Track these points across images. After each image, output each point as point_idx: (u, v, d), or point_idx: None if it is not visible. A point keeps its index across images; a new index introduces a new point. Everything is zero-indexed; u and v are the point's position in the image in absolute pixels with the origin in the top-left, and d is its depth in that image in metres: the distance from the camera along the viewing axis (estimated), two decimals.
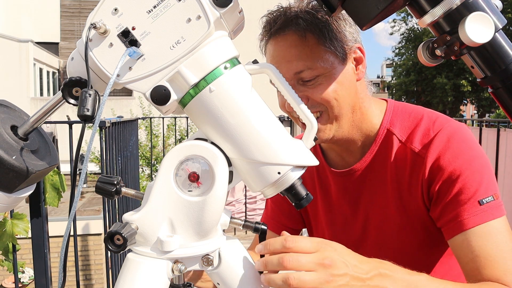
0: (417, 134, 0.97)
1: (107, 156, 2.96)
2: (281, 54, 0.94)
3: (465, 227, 0.88)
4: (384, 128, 1.01)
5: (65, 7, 19.00)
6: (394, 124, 1.01)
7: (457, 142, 0.93)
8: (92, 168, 10.23)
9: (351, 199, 1.08)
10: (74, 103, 0.66)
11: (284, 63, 0.93)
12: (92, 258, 5.98)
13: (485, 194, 0.88)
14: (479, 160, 0.92)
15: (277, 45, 0.95)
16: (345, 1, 0.76)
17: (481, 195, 0.88)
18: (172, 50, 0.64)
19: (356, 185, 1.06)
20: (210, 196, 0.67)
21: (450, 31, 0.70)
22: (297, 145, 0.70)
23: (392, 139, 1.00)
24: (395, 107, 1.04)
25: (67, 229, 0.64)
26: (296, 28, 0.92)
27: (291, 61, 0.92)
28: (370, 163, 1.02)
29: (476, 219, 0.87)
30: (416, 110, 1.02)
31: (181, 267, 0.68)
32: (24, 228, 1.94)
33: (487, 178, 0.90)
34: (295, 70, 0.92)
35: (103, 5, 0.64)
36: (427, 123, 0.97)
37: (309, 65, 0.92)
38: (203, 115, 0.67)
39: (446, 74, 22.85)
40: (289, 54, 0.93)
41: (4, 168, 0.64)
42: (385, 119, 1.02)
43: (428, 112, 1.01)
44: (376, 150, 1.02)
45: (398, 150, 0.99)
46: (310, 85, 0.93)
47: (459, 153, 0.92)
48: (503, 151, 3.70)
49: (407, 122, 1.00)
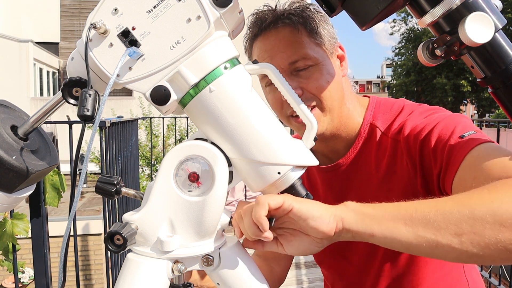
0: (395, 123, 0.98)
1: (107, 156, 2.95)
2: (275, 46, 0.95)
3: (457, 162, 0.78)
4: (367, 122, 1.02)
5: (65, 7, 19.00)
6: (376, 118, 1.02)
7: (429, 109, 0.94)
8: (92, 168, 10.23)
9: (337, 195, 1.07)
10: (74, 103, 0.66)
11: (279, 54, 0.94)
12: (92, 258, 5.98)
13: (463, 130, 0.82)
14: (454, 115, 0.90)
15: (269, 39, 0.96)
16: (345, 1, 0.76)
17: (460, 131, 0.82)
18: (172, 50, 0.64)
19: (342, 180, 1.06)
20: (210, 196, 0.67)
21: (450, 31, 0.70)
22: (297, 145, 0.70)
23: (376, 132, 1.01)
24: (377, 102, 1.05)
25: (67, 229, 0.64)
26: (289, 21, 0.94)
27: (285, 51, 0.94)
28: (354, 157, 1.03)
29: (464, 150, 0.78)
30: (397, 102, 1.04)
31: (181, 267, 0.68)
32: (24, 228, 1.94)
33: (464, 122, 0.86)
34: (289, 60, 0.94)
35: (103, 5, 0.64)
36: (406, 112, 0.98)
37: (303, 54, 0.94)
38: (203, 115, 0.67)
39: (446, 74, 22.85)
40: (283, 45, 0.94)
41: (4, 168, 0.64)
42: (368, 114, 1.03)
43: (409, 103, 1.02)
44: (361, 144, 1.02)
45: (380, 141, 1.00)
46: (304, 75, 0.95)
47: (430, 113, 0.93)
48: None
49: (389, 114, 1.01)
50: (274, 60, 0.94)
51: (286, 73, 0.95)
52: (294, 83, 0.94)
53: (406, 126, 0.94)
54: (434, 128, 0.87)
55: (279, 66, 0.94)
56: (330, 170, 1.07)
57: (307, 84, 0.95)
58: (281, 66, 0.94)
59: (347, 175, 1.05)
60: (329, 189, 1.09)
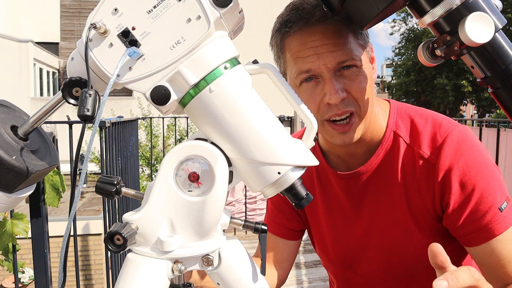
0: (424, 138, 0.96)
1: (107, 156, 2.96)
2: (323, 44, 0.90)
3: (491, 236, 0.89)
4: (390, 130, 1.00)
5: (65, 7, 19.01)
6: (399, 126, 1.00)
7: (467, 149, 0.93)
8: (92, 168, 10.23)
9: (355, 202, 1.06)
10: (74, 103, 0.66)
11: (328, 53, 0.90)
12: (92, 258, 5.98)
13: (501, 200, 0.90)
14: (489, 166, 0.93)
15: (316, 35, 0.90)
16: (345, 1, 0.76)
17: (499, 202, 0.90)
18: (172, 50, 0.64)
19: (361, 188, 1.04)
20: (210, 196, 0.67)
21: (450, 31, 0.70)
22: (297, 145, 0.70)
23: (399, 142, 0.99)
24: (398, 108, 1.03)
25: (67, 229, 0.64)
26: (338, 20, 0.90)
27: (336, 51, 0.90)
28: (377, 166, 1.01)
29: (500, 226, 0.89)
30: (420, 111, 1.02)
31: (181, 267, 0.68)
32: (24, 228, 1.94)
33: (499, 182, 0.92)
34: (338, 59, 0.90)
35: (103, 5, 0.64)
36: (432, 126, 0.97)
37: (352, 55, 0.91)
38: (203, 115, 0.67)
39: (446, 74, 22.84)
40: (332, 44, 0.90)
41: (4, 168, 0.64)
42: (391, 121, 1.01)
43: (432, 114, 1.01)
44: (383, 153, 1.00)
45: (405, 153, 0.98)
46: (348, 77, 0.92)
47: (471, 162, 0.92)
48: (503, 151, 3.70)
49: (412, 123, 1.00)
50: (322, 58, 0.90)
51: (331, 72, 0.91)
52: (339, 84, 0.90)
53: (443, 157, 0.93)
54: (475, 189, 0.91)
55: (326, 66, 0.90)
56: (349, 177, 1.05)
57: (351, 87, 0.91)
58: (329, 65, 0.90)
59: (367, 183, 1.03)
60: (346, 195, 1.08)
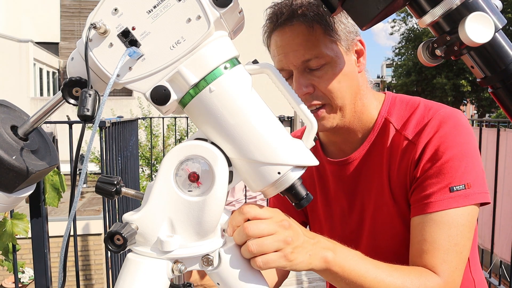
0: (412, 122, 0.98)
1: (107, 156, 2.96)
2: (289, 44, 0.95)
3: (426, 210, 0.90)
4: (382, 117, 1.02)
5: (65, 7, 19.01)
6: (391, 113, 1.02)
7: (447, 126, 0.94)
8: (92, 168, 10.24)
9: (348, 190, 1.08)
10: (74, 103, 0.66)
11: (292, 52, 0.94)
12: (92, 258, 5.99)
13: (458, 181, 0.89)
14: (463, 146, 0.92)
15: (284, 35, 0.96)
16: (345, 1, 0.76)
17: (454, 181, 0.89)
18: (172, 50, 0.64)
19: (353, 174, 1.06)
20: (210, 196, 0.67)
21: (450, 31, 0.70)
22: (297, 145, 0.70)
23: (389, 128, 1.01)
24: (392, 98, 1.05)
25: (67, 229, 0.64)
26: (304, 19, 0.93)
27: (299, 50, 0.94)
28: (367, 151, 1.03)
29: (438, 205, 0.89)
30: (413, 99, 1.04)
31: (181, 267, 0.68)
32: (24, 228, 1.94)
33: (465, 166, 0.91)
34: (302, 59, 0.94)
35: (103, 5, 0.64)
36: (422, 110, 0.98)
37: (316, 53, 0.93)
38: (203, 115, 0.67)
39: (446, 74, 22.83)
40: (297, 43, 0.94)
41: (4, 168, 0.64)
42: (383, 109, 1.03)
43: (425, 101, 1.02)
44: (374, 139, 1.03)
45: (393, 138, 1.00)
46: (316, 73, 0.95)
47: (446, 136, 0.93)
48: (503, 151, 3.70)
49: (404, 111, 1.01)
50: (288, 57, 0.95)
51: (299, 70, 0.95)
52: (305, 80, 0.94)
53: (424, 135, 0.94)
54: (438, 161, 0.92)
55: (292, 64, 0.94)
56: (342, 164, 1.07)
57: (318, 83, 0.95)
58: (294, 63, 0.94)
59: (358, 169, 1.05)
60: (340, 183, 1.09)
